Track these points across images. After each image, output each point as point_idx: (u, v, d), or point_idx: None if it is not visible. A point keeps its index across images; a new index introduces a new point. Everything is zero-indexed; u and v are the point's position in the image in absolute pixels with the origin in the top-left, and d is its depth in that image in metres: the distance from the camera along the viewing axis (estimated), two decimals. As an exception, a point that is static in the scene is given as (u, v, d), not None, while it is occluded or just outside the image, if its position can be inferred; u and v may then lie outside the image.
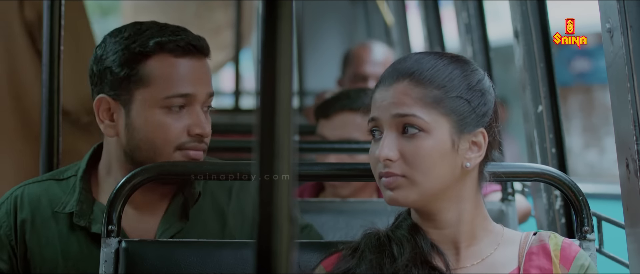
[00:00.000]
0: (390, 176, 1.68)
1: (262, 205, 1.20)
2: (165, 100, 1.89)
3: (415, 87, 1.69)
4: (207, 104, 1.94)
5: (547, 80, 2.64)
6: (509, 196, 2.75)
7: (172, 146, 1.90)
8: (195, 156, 1.92)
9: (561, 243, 1.75)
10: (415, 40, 4.88)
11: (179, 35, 1.92)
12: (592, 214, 1.93)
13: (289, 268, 1.19)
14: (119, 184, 1.86)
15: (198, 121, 1.91)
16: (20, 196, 1.98)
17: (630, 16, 1.89)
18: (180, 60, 1.91)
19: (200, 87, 1.92)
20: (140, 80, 1.90)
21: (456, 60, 1.75)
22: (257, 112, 1.21)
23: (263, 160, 1.20)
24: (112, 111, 1.93)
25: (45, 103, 2.25)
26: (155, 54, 1.90)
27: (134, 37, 1.91)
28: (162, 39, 1.90)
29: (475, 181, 1.74)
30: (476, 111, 1.71)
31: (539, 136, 2.64)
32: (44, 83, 2.25)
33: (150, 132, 1.90)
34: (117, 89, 1.91)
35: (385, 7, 5.32)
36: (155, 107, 1.90)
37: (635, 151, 1.89)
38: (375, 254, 1.71)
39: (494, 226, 1.77)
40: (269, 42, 1.21)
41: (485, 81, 1.75)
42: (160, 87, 1.89)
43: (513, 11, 2.69)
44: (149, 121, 1.90)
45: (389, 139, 1.68)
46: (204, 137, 1.92)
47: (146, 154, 1.91)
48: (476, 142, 1.71)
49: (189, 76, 1.91)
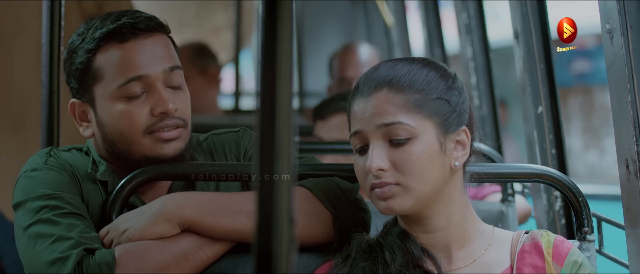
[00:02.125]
0: (384, 186, 1.67)
1: (262, 205, 1.20)
2: (120, 89, 1.85)
3: (395, 94, 1.68)
4: (171, 82, 1.88)
5: (547, 81, 2.64)
6: (509, 197, 2.75)
7: (140, 131, 1.85)
8: (168, 137, 1.87)
9: (553, 241, 1.74)
10: (415, 41, 4.88)
11: (120, 21, 1.86)
12: (592, 215, 1.93)
13: (288, 269, 1.19)
14: (118, 185, 1.86)
15: (159, 100, 1.85)
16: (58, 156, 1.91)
17: (630, 17, 1.89)
18: (126, 45, 1.86)
19: (154, 65, 1.86)
20: (94, 76, 1.86)
21: (428, 63, 1.74)
22: (257, 113, 1.21)
23: (263, 160, 1.20)
24: (85, 112, 1.91)
25: (45, 104, 2.24)
26: (103, 45, 1.86)
27: (83, 35, 1.88)
28: (103, 30, 1.86)
29: (461, 181, 1.75)
30: (456, 109, 1.71)
31: (539, 137, 2.64)
32: (44, 84, 2.25)
33: (115, 124, 1.86)
34: (81, 90, 1.89)
35: (385, 8, 5.32)
36: (114, 99, 1.86)
37: (635, 151, 1.89)
38: (367, 261, 1.72)
39: (485, 226, 1.78)
40: (269, 43, 1.21)
41: (458, 80, 1.75)
42: (112, 77, 1.85)
43: (513, 12, 2.69)
44: (112, 114, 1.86)
45: (376, 149, 1.68)
46: (168, 115, 1.86)
47: (120, 146, 1.87)
48: (460, 141, 1.72)
49: (137, 58, 1.85)
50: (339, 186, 1.86)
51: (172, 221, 1.78)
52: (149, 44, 1.87)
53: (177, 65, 1.90)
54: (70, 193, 1.84)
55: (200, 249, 1.80)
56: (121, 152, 1.88)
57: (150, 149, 1.87)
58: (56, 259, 1.73)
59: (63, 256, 1.73)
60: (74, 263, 1.71)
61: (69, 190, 1.85)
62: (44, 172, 1.86)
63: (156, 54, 1.87)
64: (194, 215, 1.79)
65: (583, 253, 1.85)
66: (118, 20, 1.87)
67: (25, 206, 1.81)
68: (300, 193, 1.83)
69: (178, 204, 1.79)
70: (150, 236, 1.78)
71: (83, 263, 1.72)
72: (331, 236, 1.82)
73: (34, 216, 1.79)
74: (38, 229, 1.77)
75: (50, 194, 1.82)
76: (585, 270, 1.73)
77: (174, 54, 1.91)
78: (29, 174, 1.86)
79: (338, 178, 1.88)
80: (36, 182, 1.84)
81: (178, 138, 1.88)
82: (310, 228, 1.82)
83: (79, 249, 1.73)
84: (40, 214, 1.79)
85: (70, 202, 1.82)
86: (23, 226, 1.80)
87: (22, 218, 1.81)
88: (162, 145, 1.87)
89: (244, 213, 1.79)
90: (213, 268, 1.81)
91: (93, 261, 1.73)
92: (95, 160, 1.93)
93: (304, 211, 1.82)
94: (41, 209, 1.80)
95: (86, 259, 1.72)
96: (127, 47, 1.86)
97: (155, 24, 1.89)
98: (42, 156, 1.90)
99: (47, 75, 2.25)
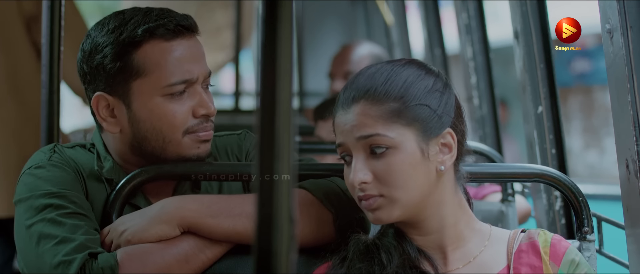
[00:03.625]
0: (369, 199, 1.67)
1: (262, 205, 1.20)
2: (166, 88, 1.85)
3: (372, 106, 1.68)
4: (206, 83, 1.90)
5: (547, 81, 2.64)
6: (509, 197, 2.75)
7: (180, 131, 1.86)
8: (205, 137, 1.89)
9: (550, 240, 1.74)
10: (415, 41, 4.88)
11: (166, 18, 1.87)
12: (592, 215, 1.93)
13: (288, 269, 1.19)
14: (118, 185, 1.86)
15: (202, 102, 1.87)
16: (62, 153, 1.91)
17: (630, 17, 1.89)
18: (173, 44, 1.86)
19: (198, 68, 1.88)
20: (136, 71, 1.85)
21: (409, 66, 1.72)
22: (258, 112, 1.21)
23: (263, 160, 1.20)
24: (112, 107, 1.88)
25: (44, 103, 2.24)
26: (145, 41, 1.85)
27: (121, 28, 1.85)
28: (149, 25, 1.85)
29: (453, 181, 1.73)
30: (437, 112, 1.69)
31: (539, 136, 2.64)
32: (44, 83, 2.24)
33: (156, 121, 1.86)
34: (112, 84, 1.86)
35: (385, 8, 5.32)
36: (156, 96, 1.85)
37: (635, 151, 1.89)
38: (364, 262, 1.72)
39: (481, 226, 1.77)
40: (269, 42, 1.21)
41: (440, 79, 1.72)
42: (157, 75, 1.85)
43: (513, 12, 2.69)
44: (153, 111, 1.85)
45: (359, 162, 1.68)
46: (209, 117, 1.89)
47: (154, 144, 1.87)
48: (446, 144, 1.70)
49: (184, 59, 1.86)
50: (340, 186, 1.86)
51: (171, 222, 1.78)
52: (192, 44, 1.89)
53: (210, 70, 1.92)
54: (75, 191, 1.84)
55: (201, 251, 1.80)
56: (153, 151, 1.87)
57: (188, 149, 1.88)
58: (60, 262, 1.73)
59: (67, 260, 1.73)
60: (77, 266, 1.72)
61: (73, 188, 1.84)
62: (48, 170, 1.85)
63: (199, 56, 1.89)
64: (195, 216, 1.79)
65: (583, 253, 1.85)
66: (162, 17, 1.87)
67: (28, 203, 1.81)
68: (300, 194, 1.83)
69: (178, 206, 1.80)
70: (149, 238, 1.78)
71: (86, 266, 1.72)
72: (332, 237, 1.82)
73: (37, 215, 1.79)
74: (41, 229, 1.77)
75: (54, 192, 1.81)
76: (582, 269, 1.72)
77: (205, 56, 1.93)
78: (32, 171, 1.85)
79: (338, 178, 1.88)
80: (40, 179, 1.83)
81: (210, 139, 1.91)
82: (311, 229, 1.82)
83: (83, 253, 1.73)
84: (43, 213, 1.79)
85: (75, 201, 1.82)
86: (25, 224, 1.79)
87: (24, 214, 1.80)
88: (198, 145, 1.88)
89: (245, 215, 1.79)
90: (213, 269, 1.81)
91: (96, 265, 1.73)
92: (100, 156, 1.91)
93: (305, 212, 1.82)
94: (45, 208, 1.79)
95: (89, 263, 1.73)
96: (175, 46, 1.86)
97: (194, 24, 1.91)
98: (46, 152, 1.90)
99: (47, 75, 2.24)
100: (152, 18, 1.86)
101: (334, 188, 1.85)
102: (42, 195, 1.81)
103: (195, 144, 1.88)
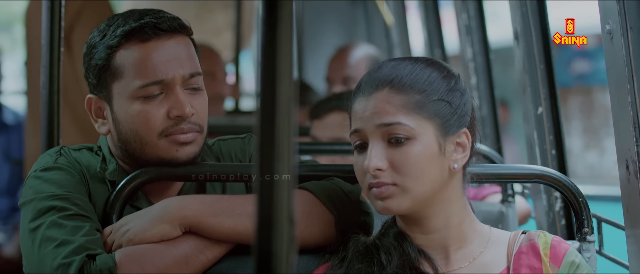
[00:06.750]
0: (381, 186, 1.67)
1: (262, 206, 1.20)
2: (139, 90, 1.84)
3: (396, 95, 1.68)
4: (191, 84, 1.87)
5: (547, 81, 2.64)
6: (509, 198, 2.75)
7: (155, 133, 1.84)
8: (184, 140, 1.85)
9: (551, 241, 1.74)
10: (415, 42, 4.88)
11: (143, 19, 1.85)
12: (592, 215, 1.93)
13: (288, 269, 1.18)
14: (118, 185, 1.86)
15: (176, 103, 1.84)
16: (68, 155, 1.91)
17: (630, 17, 1.89)
18: (149, 45, 1.84)
19: (174, 69, 1.85)
20: (114, 73, 1.85)
21: (432, 64, 1.74)
22: (257, 113, 1.21)
23: (263, 160, 1.20)
24: (102, 109, 1.90)
25: (45, 104, 2.24)
26: (123, 44, 1.85)
27: (105, 31, 1.87)
28: (125, 28, 1.85)
29: (461, 182, 1.75)
30: (457, 111, 1.71)
31: (539, 137, 2.64)
32: (44, 84, 2.24)
33: (131, 123, 1.85)
34: (100, 86, 1.88)
35: (385, 8, 5.32)
36: (132, 98, 1.85)
37: (635, 152, 1.89)
38: (363, 263, 1.72)
39: (482, 227, 1.78)
40: (269, 43, 1.21)
41: (461, 81, 1.75)
42: (132, 77, 1.84)
43: (513, 12, 2.69)
44: (128, 113, 1.85)
45: (376, 149, 1.68)
46: (184, 119, 1.85)
47: (134, 145, 1.87)
48: (460, 143, 1.72)
49: (158, 60, 1.84)
50: (341, 187, 1.86)
51: (173, 222, 1.78)
52: (170, 45, 1.86)
53: (197, 72, 1.88)
54: (79, 193, 1.84)
55: (201, 253, 1.80)
56: (134, 152, 1.88)
57: (165, 151, 1.86)
58: (59, 265, 1.73)
59: (66, 262, 1.73)
60: (76, 268, 1.72)
61: (78, 190, 1.85)
62: (54, 172, 1.86)
63: (177, 57, 1.86)
64: (196, 216, 1.79)
65: (583, 253, 1.85)
66: (141, 18, 1.85)
67: (33, 205, 1.81)
68: (302, 195, 1.83)
69: (180, 206, 1.80)
70: (151, 238, 1.78)
71: (84, 268, 1.72)
72: (333, 238, 1.82)
73: (40, 218, 1.79)
74: (43, 232, 1.78)
75: (58, 194, 1.82)
76: (582, 271, 1.73)
77: (195, 56, 1.90)
78: (38, 173, 1.86)
79: (340, 179, 1.88)
80: (45, 182, 1.84)
81: (193, 142, 1.87)
82: (313, 230, 1.82)
83: (81, 255, 1.73)
84: (46, 216, 1.79)
85: (78, 203, 1.82)
86: (29, 227, 1.80)
87: (28, 217, 1.81)
88: (177, 148, 1.86)
89: (246, 215, 1.79)
90: (213, 269, 1.81)
91: (94, 266, 1.73)
92: (105, 158, 1.92)
93: (307, 213, 1.82)
94: (48, 210, 1.80)
95: (87, 265, 1.73)
96: (149, 47, 1.85)
97: (178, 25, 1.88)
98: (52, 155, 1.90)
99: (47, 75, 2.25)
100: (131, 20, 1.86)
101: (336, 190, 1.85)
102: (46, 197, 1.81)
103: (173, 147, 1.86)
